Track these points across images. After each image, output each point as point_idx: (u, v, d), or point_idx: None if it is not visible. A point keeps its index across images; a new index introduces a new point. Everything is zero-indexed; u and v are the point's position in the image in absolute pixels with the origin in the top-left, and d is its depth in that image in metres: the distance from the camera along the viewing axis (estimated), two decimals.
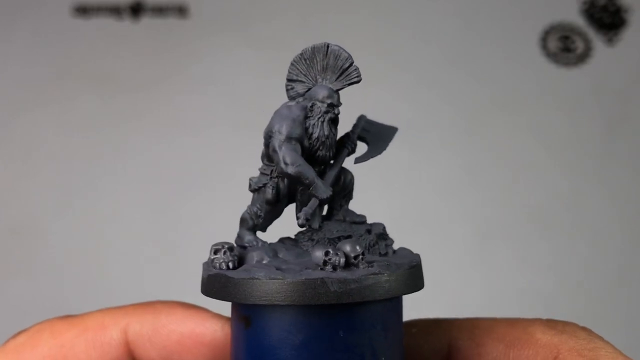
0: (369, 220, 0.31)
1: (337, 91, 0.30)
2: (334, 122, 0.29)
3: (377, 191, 0.89)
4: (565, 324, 0.30)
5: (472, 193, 0.95)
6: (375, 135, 0.32)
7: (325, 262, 0.26)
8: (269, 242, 0.30)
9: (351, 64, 0.29)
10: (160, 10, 0.97)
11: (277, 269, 0.27)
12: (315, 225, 0.30)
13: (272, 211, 0.30)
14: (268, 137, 0.29)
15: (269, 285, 0.26)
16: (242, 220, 0.31)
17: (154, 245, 0.90)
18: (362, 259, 0.27)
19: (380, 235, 0.30)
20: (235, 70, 0.95)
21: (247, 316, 0.27)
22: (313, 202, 0.29)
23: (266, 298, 0.26)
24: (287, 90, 0.31)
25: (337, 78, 0.30)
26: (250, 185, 0.30)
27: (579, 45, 1.00)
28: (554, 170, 0.96)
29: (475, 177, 0.95)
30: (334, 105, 0.29)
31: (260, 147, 0.30)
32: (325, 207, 0.31)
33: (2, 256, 0.90)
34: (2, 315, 0.87)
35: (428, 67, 0.97)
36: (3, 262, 0.89)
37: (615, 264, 0.95)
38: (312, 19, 0.98)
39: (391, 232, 0.30)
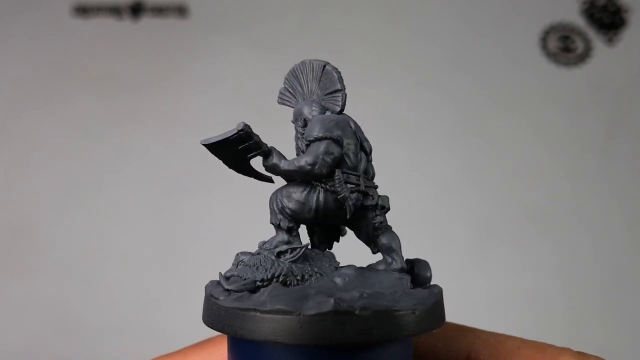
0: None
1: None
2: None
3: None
4: (597, 359, 0.29)
5: (472, 193, 0.95)
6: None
7: None
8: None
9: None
10: (160, 10, 0.97)
11: None
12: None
13: None
14: None
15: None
16: None
17: (154, 245, 0.90)
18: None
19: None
20: (235, 70, 0.95)
21: None
22: None
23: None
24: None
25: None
26: None
27: (579, 45, 1.00)
28: (554, 170, 0.96)
29: (475, 177, 0.95)
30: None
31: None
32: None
33: (2, 256, 0.90)
34: (2, 315, 0.87)
35: (428, 67, 0.97)
36: (3, 262, 0.89)
37: (616, 264, 0.95)
38: (312, 19, 0.98)
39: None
